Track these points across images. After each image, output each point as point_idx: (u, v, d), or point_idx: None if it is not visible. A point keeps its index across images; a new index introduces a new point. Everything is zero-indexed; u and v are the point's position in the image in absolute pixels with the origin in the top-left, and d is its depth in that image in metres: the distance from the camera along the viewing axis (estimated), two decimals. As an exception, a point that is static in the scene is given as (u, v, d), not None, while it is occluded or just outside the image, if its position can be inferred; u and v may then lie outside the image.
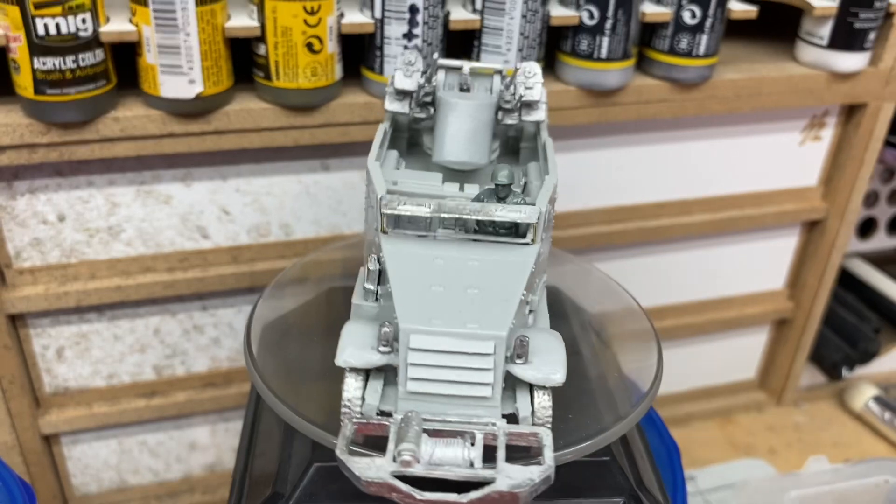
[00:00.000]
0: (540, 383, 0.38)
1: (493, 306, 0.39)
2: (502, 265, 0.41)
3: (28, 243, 0.65)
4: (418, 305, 0.38)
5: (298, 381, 0.49)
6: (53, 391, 0.72)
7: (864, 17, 0.72)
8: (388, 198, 0.41)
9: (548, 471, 0.35)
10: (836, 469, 0.74)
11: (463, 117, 0.50)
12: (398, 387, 0.37)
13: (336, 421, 0.44)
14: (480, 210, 0.41)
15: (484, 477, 0.35)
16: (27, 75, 0.55)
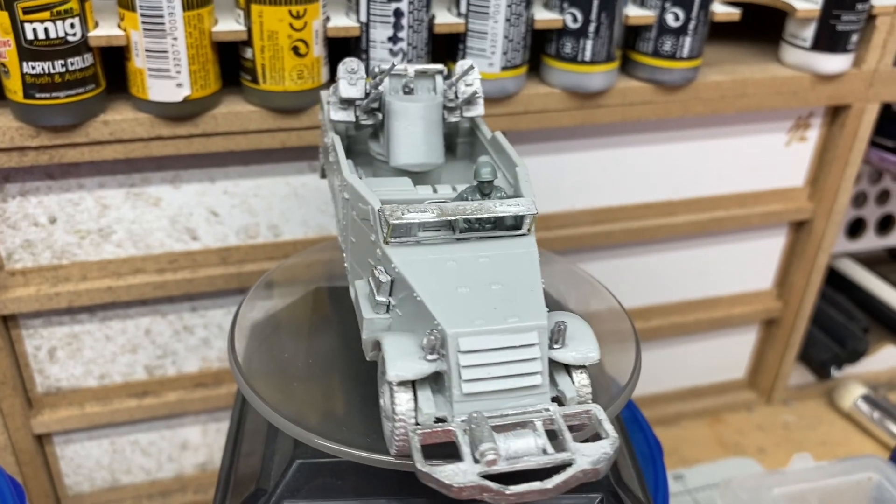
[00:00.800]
0: (580, 363, 0.40)
1: (523, 298, 0.40)
2: (511, 258, 0.42)
3: (19, 245, 0.65)
4: (455, 309, 0.38)
5: (283, 380, 0.49)
6: (45, 391, 0.72)
7: (846, 19, 0.73)
8: (391, 208, 0.41)
9: (615, 442, 0.37)
10: (820, 466, 0.75)
11: (416, 120, 0.50)
12: (451, 391, 0.37)
13: (323, 419, 0.45)
14: (481, 208, 0.42)
15: (563, 460, 0.36)
16: (17, 79, 0.56)
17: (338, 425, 0.45)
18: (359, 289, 0.44)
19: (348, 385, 0.49)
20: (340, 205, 0.49)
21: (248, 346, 0.52)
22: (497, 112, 0.69)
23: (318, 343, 0.52)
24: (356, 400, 0.47)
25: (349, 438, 0.44)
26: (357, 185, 0.44)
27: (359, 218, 0.44)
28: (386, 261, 0.41)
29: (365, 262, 0.44)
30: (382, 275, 0.41)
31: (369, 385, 0.49)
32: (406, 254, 0.41)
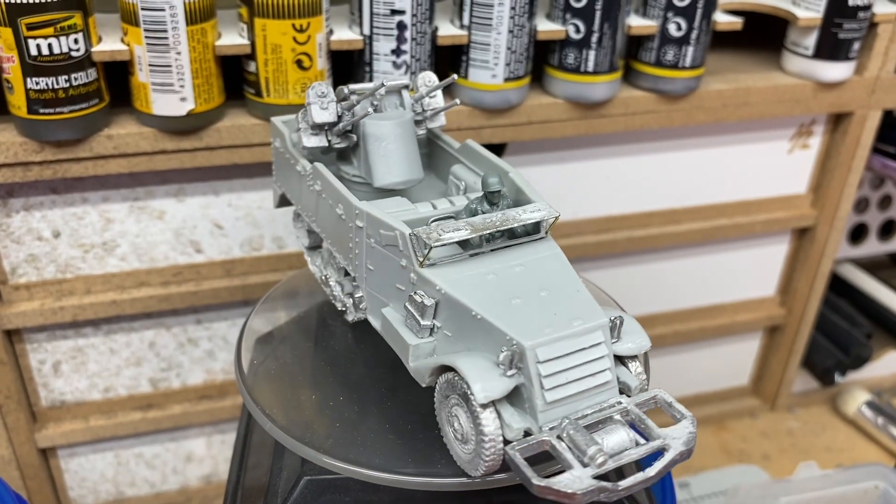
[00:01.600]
0: (636, 353, 0.41)
1: (574, 299, 0.41)
2: (542, 262, 0.43)
3: (24, 259, 0.65)
4: (521, 321, 0.39)
5: (290, 395, 0.49)
6: (50, 405, 0.72)
7: (848, 27, 0.73)
8: (425, 231, 0.41)
9: (692, 420, 0.39)
10: (826, 475, 0.75)
11: (393, 138, 0.50)
12: (533, 402, 0.38)
13: (326, 435, 0.45)
14: (508, 218, 0.43)
15: (658, 447, 0.38)
16: (20, 95, 0.56)
17: (346, 443, 0.45)
18: (390, 317, 0.44)
19: (355, 400, 0.49)
20: (338, 234, 0.48)
21: (254, 361, 0.52)
22: (500, 123, 0.69)
23: (326, 356, 0.52)
24: (364, 415, 0.47)
25: (358, 456, 0.44)
26: (376, 212, 0.44)
27: (380, 245, 0.44)
28: (426, 284, 0.41)
29: (391, 289, 0.44)
30: (426, 298, 0.41)
31: (376, 400, 0.49)
32: (446, 274, 0.41)
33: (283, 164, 0.54)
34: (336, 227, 0.48)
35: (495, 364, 0.38)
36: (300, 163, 0.51)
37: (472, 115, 0.68)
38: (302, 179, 0.51)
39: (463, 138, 0.68)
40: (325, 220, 0.50)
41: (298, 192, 0.53)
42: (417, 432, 0.46)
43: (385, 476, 0.43)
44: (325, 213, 0.49)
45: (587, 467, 0.36)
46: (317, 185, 0.49)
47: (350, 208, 0.45)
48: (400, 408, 0.48)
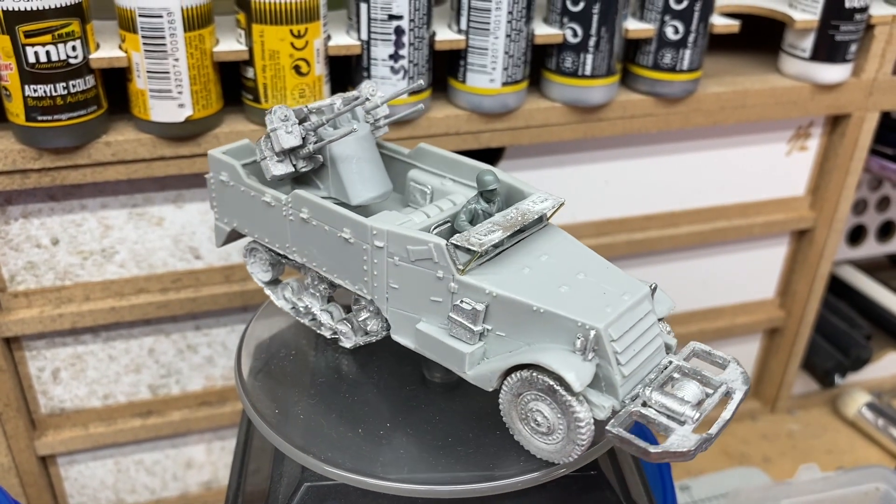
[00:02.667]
0: (667, 314, 0.44)
1: (611, 276, 0.44)
2: (562, 248, 0.45)
3: (22, 267, 0.65)
4: (583, 307, 0.41)
5: (290, 402, 0.49)
6: (49, 412, 0.72)
7: (844, 29, 0.73)
8: (460, 239, 0.42)
9: (736, 361, 0.44)
10: (827, 477, 0.75)
11: (362, 154, 0.49)
12: (612, 378, 0.40)
13: (326, 443, 0.45)
14: (525, 211, 0.45)
15: (727, 390, 0.42)
16: (19, 102, 0.56)
17: (346, 450, 0.45)
18: (429, 331, 0.44)
19: (356, 407, 0.49)
20: (342, 258, 0.46)
21: (255, 366, 0.52)
22: (498, 127, 0.69)
23: (326, 362, 0.52)
24: (364, 422, 0.47)
25: (357, 464, 0.44)
26: (401, 229, 0.43)
27: (407, 261, 0.43)
28: (470, 290, 0.42)
29: (424, 303, 0.44)
30: (476, 304, 0.42)
31: (375, 406, 0.49)
32: (486, 276, 0.42)
33: (232, 198, 0.51)
34: (338, 252, 0.46)
35: (572, 352, 0.40)
36: (267, 193, 0.48)
37: (470, 120, 0.68)
38: (270, 211, 0.49)
39: (463, 143, 0.68)
40: (317, 248, 0.47)
41: (262, 225, 0.50)
42: (419, 439, 0.46)
43: (384, 484, 0.43)
44: (317, 239, 0.47)
45: (684, 425, 0.39)
46: (302, 213, 0.47)
47: (364, 229, 0.44)
48: (401, 414, 0.48)
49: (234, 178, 0.50)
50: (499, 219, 0.44)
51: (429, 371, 0.51)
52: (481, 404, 0.49)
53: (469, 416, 0.48)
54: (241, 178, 0.50)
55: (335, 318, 0.51)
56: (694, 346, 0.45)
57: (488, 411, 0.48)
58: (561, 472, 0.44)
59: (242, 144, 0.53)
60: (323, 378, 0.51)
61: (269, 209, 0.49)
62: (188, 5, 0.56)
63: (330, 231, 0.46)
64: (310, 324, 0.53)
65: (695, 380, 0.42)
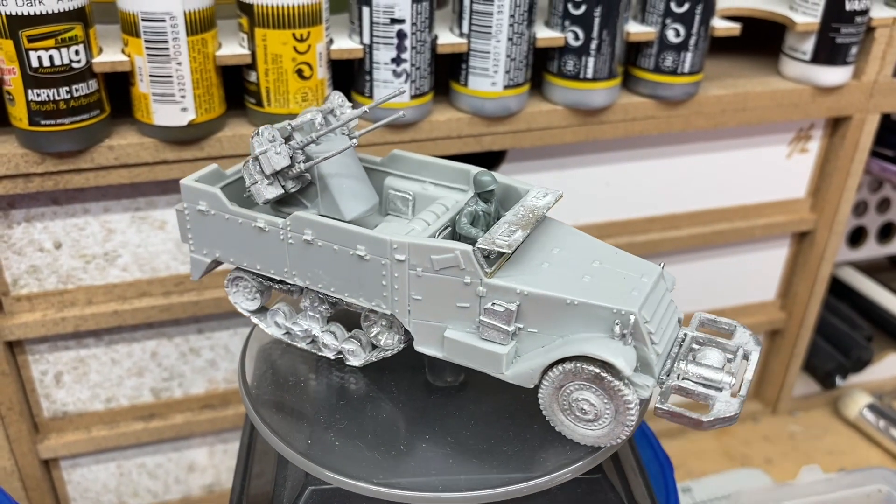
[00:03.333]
0: (672, 289, 0.47)
1: (623, 260, 0.46)
2: (568, 239, 0.47)
3: (25, 271, 0.65)
4: (610, 294, 0.43)
5: (293, 406, 0.49)
6: (52, 416, 0.72)
7: (845, 31, 0.74)
8: (487, 240, 0.42)
9: (740, 324, 0.47)
10: (829, 478, 0.75)
11: (350, 168, 0.48)
12: (648, 358, 0.42)
13: (329, 448, 0.45)
14: (532, 208, 0.46)
15: (745, 352, 0.45)
16: (22, 107, 0.56)
17: (349, 456, 0.45)
18: (458, 337, 0.44)
19: (358, 412, 0.49)
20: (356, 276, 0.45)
21: (258, 370, 0.52)
22: (500, 130, 0.69)
23: (330, 365, 0.52)
24: (368, 427, 0.47)
25: (360, 471, 0.44)
26: (424, 240, 0.43)
27: (431, 271, 0.43)
28: (499, 291, 0.43)
29: (450, 311, 0.44)
30: (508, 304, 0.42)
31: (378, 411, 0.49)
32: (512, 276, 0.43)
33: (213, 228, 0.49)
34: (350, 270, 0.45)
35: (611, 338, 0.42)
36: (259, 219, 0.47)
37: (472, 123, 0.68)
38: (263, 236, 0.47)
39: (464, 146, 0.69)
40: (323, 268, 0.46)
41: (252, 252, 0.48)
42: (423, 444, 0.46)
43: (385, 491, 0.43)
44: (323, 260, 0.46)
45: (722, 391, 0.42)
46: (305, 235, 0.46)
47: (383, 245, 0.43)
48: (403, 419, 0.48)
49: (215, 206, 0.48)
50: (512, 218, 0.45)
51: (433, 376, 0.51)
52: (486, 408, 0.49)
53: (473, 421, 0.48)
54: (224, 206, 0.47)
55: (340, 338, 0.50)
56: (700, 316, 0.47)
57: (492, 415, 0.48)
58: (566, 477, 0.44)
59: (212, 170, 0.50)
60: (327, 382, 0.51)
61: (262, 234, 0.47)
62: (191, 9, 0.57)
63: (340, 250, 0.45)
64: (307, 347, 0.52)
65: (714, 347, 0.45)
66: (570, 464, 0.45)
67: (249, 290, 0.52)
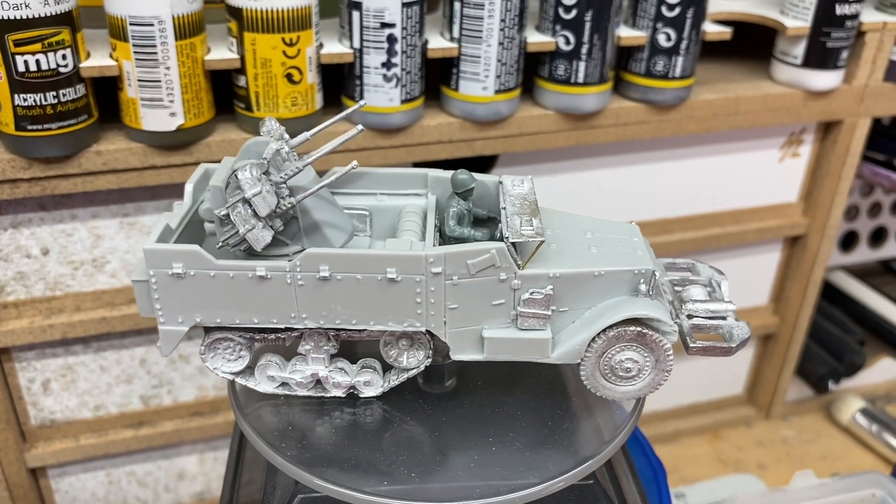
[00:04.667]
0: None
1: (607, 227, 0.50)
2: (550, 217, 0.49)
3: (12, 277, 0.65)
4: (623, 259, 0.46)
5: (283, 414, 0.49)
6: (40, 424, 0.72)
7: (836, 36, 0.74)
8: (516, 234, 0.43)
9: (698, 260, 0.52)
10: (823, 483, 0.74)
11: (326, 197, 0.45)
12: (665, 304, 0.46)
13: (319, 455, 0.45)
14: (525, 195, 0.48)
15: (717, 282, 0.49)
16: (8, 111, 0.56)
17: (339, 464, 0.45)
18: (498, 334, 0.45)
19: (349, 419, 0.48)
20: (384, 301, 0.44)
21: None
22: (491, 135, 0.69)
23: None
24: (359, 435, 0.47)
25: (348, 479, 0.43)
26: (460, 247, 0.43)
27: (468, 276, 0.43)
28: (533, 280, 0.44)
29: (486, 311, 0.45)
30: (545, 290, 0.44)
31: (370, 418, 0.48)
32: (537, 263, 0.45)
33: (193, 291, 0.44)
34: (377, 296, 0.44)
35: (639, 297, 0.45)
36: (259, 267, 0.43)
37: (462, 128, 0.67)
38: (263, 285, 0.43)
39: (456, 151, 0.68)
40: (342, 303, 0.44)
41: (247, 306, 0.44)
42: (411, 452, 0.46)
43: (375, 500, 0.43)
44: (342, 293, 0.44)
45: (727, 318, 0.46)
46: (321, 272, 0.43)
47: (417, 262, 0.42)
48: (393, 428, 0.48)
49: (196, 265, 0.43)
50: (515, 209, 0.46)
51: (427, 384, 0.50)
52: (476, 415, 0.48)
53: (464, 429, 0.48)
54: (209, 262, 0.43)
55: (352, 372, 0.48)
56: (661, 261, 0.51)
57: (482, 423, 0.48)
58: (559, 485, 0.44)
59: (164, 228, 0.45)
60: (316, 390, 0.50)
61: (261, 284, 0.43)
62: (179, 13, 0.56)
63: (364, 278, 0.43)
64: (310, 394, 0.48)
65: (695, 284, 0.49)
66: (564, 472, 0.44)
67: (233, 351, 0.47)
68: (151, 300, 0.44)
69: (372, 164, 0.66)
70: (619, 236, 0.48)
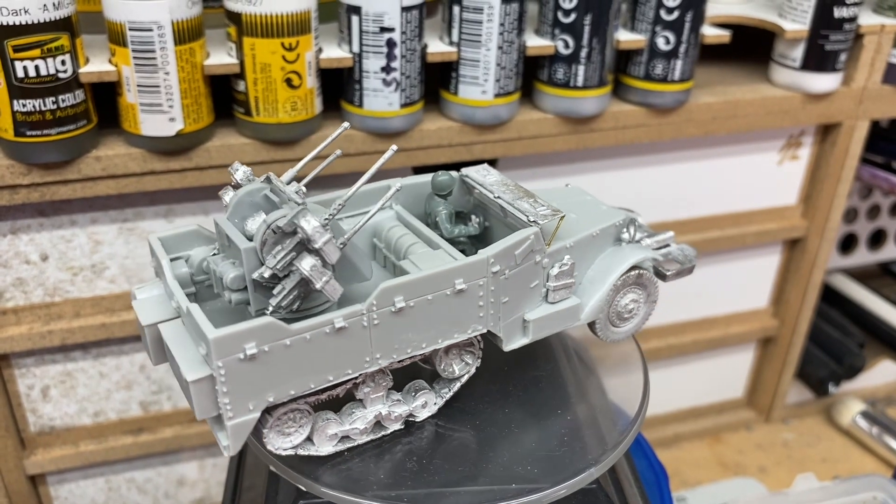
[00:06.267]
0: None
1: (558, 194, 0.54)
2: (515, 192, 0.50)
3: (11, 283, 0.64)
4: (605, 216, 0.51)
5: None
6: (39, 431, 0.71)
7: (834, 38, 0.74)
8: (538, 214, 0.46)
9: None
10: (824, 486, 0.74)
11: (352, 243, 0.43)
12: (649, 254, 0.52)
13: (317, 461, 0.45)
14: (505, 181, 0.51)
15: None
16: (7, 117, 0.56)
17: (340, 469, 0.44)
18: (539, 314, 0.47)
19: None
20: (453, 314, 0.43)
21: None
22: (491, 139, 0.69)
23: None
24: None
25: (350, 484, 0.43)
26: (505, 242, 0.44)
27: (515, 267, 0.45)
28: (556, 254, 0.47)
29: (526, 296, 0.47)
30: (568, 260, 0.48)
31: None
32: (559, 247, 0.48)
33: (266, 368, 0.39)
34: (445, 312, 0.43)
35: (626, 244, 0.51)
36: (336, 317, 0.40)
37: (462, 132, 0.67)
38: (339, 336, 0.40)
39: (455, 155, 0.68)
40: (413, 330, 0.43)
41: (319, 366, 0.41)
42: (414, 458, 0.46)
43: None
44: (414, 320, 0.42)
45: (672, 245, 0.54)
46: (396, 303, 0.41)
47: (481, 265, 0.43)
48: (394, 434, 0.47)
49: (271, 338, 0.38)
50: (512, 196, 0.48)
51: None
52: (476, 420, 0.48)
53: (464, 433, 0.48)
54: (286, 330, 0.39)
55: (409, 400, 0.46)
56: None
57: (482, 428, 0.48)
58: (561, 492, 0.44)
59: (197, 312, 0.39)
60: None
61: (338, 336, 0.40)
62: (178, 18, 0.56)
63: (435, 297, 0.42)
64: (371, 437, 0.46)
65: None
66: (566, 479, 0.44)
67: (295, 420, 0.43)
68: (216, 396, 0.38)
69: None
70: (576, 198, 0.53)
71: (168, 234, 0.45)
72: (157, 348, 0.44)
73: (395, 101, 0.63)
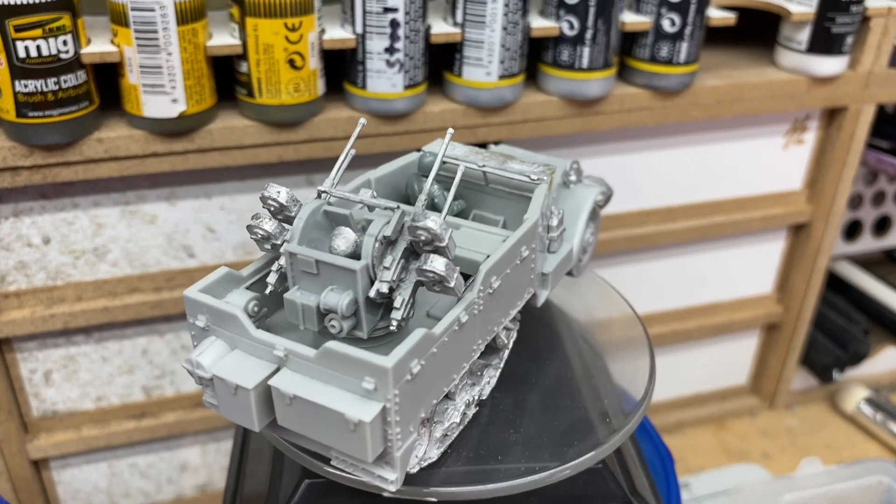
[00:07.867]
0: None
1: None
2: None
3: (13, 267, 0.64)
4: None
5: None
6: (41, 415, 0.71)
7: (841, 21, 0.73)
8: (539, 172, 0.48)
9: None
10: (829, 471, 0.74)
11: None
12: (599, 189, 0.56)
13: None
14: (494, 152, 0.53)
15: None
16: (9, 98, 0.55)
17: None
18: (551, 265, 0.49)
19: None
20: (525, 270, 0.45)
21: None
22: (495, 121, 0.68)
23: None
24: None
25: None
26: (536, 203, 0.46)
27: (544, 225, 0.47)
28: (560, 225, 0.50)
29: (527, 278, 0.47)
30: (556, 209, 0.50)
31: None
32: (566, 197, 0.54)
33: (422, 380, 0.37)
34: (518, 281, 0.45)
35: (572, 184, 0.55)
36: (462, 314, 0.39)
37: (466, 114, 0.67)
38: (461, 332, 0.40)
39: (459, 137, 0.68)
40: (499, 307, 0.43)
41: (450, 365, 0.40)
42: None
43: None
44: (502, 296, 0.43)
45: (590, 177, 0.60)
46: (493, 285, 0.41)
47: (534, 229, 0.46)
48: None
49: (425, 349, 0.37)
50: (494, 163, 0.50)
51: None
52: (488, 402, 0.48)
53: (476, 414, 0.47)
54: (434, 337, 0.38)
55: (480, 381, 0.46)
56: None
57: (490, 410, 0.48)
58: (566, 472, 0.44)
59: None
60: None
61: (462, 330, 0.40)
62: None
63: (513, 268, 0.43)
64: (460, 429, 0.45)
65: None
66: (572, 459, 0.44)
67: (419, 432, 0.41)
68: (385, 430, 0.36)
69: (376, 150, 0.65)
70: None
71: (204, 286, 0.41)
72: (264, 408, 0.38)
73: (399, 83, 0.63)
